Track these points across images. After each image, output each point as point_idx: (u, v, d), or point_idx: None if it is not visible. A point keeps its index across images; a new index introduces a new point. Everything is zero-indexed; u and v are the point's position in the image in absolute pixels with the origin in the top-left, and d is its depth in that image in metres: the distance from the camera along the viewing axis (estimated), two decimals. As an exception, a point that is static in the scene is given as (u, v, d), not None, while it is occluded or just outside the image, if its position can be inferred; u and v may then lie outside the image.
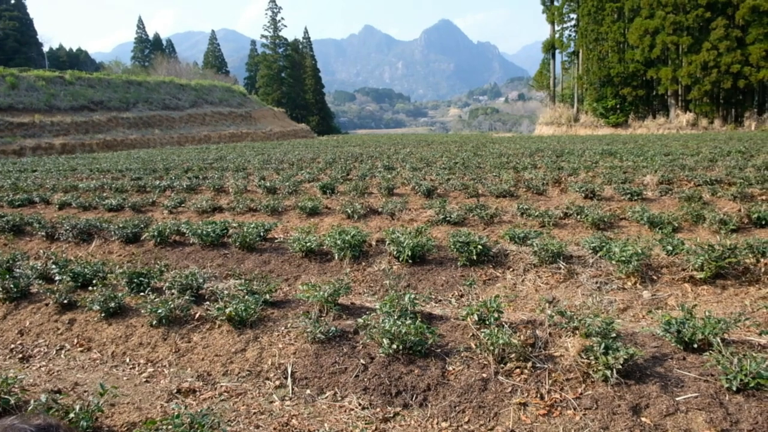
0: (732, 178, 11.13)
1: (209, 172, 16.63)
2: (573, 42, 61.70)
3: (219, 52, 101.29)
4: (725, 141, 25.33)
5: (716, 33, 44.85)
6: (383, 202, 9.42)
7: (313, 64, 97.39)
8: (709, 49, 45.16)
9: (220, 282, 5.86)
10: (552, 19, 63.16)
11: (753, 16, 43.46)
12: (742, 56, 44.14)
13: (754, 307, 4.76)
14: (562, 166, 14.64)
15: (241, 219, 9.22)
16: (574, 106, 60.22)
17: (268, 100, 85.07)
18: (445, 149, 24.44)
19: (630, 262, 5.33)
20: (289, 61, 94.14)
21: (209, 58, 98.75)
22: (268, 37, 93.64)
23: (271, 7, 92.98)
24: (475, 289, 5.56)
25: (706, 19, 46.09)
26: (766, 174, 11.34)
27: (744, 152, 17.49)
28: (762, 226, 7.45)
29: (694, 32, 47.06)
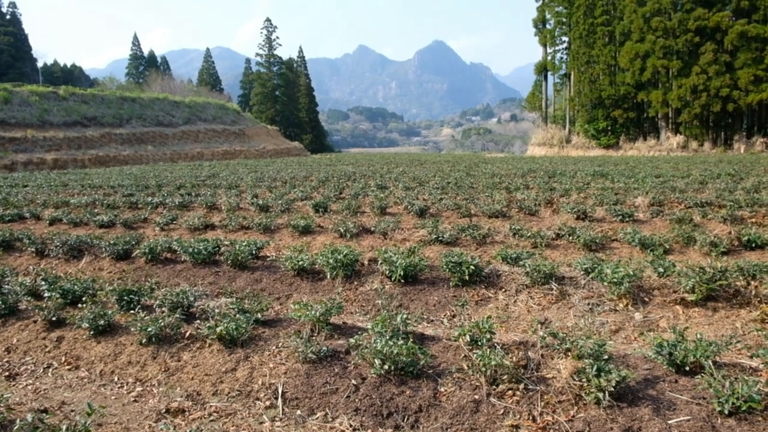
0: (722, 200, 11.22)
1: (202, 189, 16.61)
2: (565, 64, 62.42)
3: (213, 69, 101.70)
4: (715, 163, 25.58)
5: (705, 57, 45.52)
6: (376, 222, 9.43)
7: (308, 83, 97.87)
8: (698, 73, 45.80)
9: (212, 300, 5.83)
10: (544, 41, 63.95)
11: (741, 41, 44.19)
12: (731, 80, 44.78)
13: (745, 330, 4.77)
14: (554, 187, 14.72)
15: (233, 237, 9.18)
16: (566, 128, 60.73)
17: (261, 117, 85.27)
18: (437, 169, 24.53)
19: (622, 283, 5.35)
20: (283, 79, 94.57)
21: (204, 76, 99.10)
22: (263, 55, 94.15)
23: (267, 26, 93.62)
24: (468, 310, 5.55)
25: (696, 43, 46.80)
26: (755, 197, 11.44)
27: (733, 175, 17.66)
28: (752, 248, 7.50)
29: (684, 56, 47.74)
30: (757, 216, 9.66)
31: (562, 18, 60.49)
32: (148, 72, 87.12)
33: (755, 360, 3.97)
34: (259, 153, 57.97)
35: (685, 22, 46.74)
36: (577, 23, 55.01)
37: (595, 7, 53.34)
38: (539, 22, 64.57)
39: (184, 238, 8.83)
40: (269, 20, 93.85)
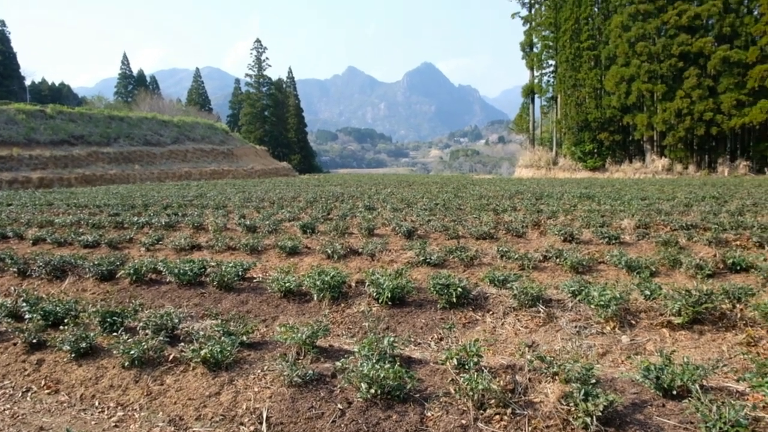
0: (707, 223, 11.33)
1: (189, 209, 16.51)
2: (552, 87, 63.30)
3: (203, 89, 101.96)
4: (699, 186, 25.87)
5: (689, 82, 46.33)
6: (363, 243, 9.40)
7: (297, 104, 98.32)
8: (682, 97, 46.58)
9: (196, 322, 5.75)
10: (531, 65, 64.87)
11: (724, 66, 45.07)
12: (714, 104, 45.57)
13: (732, 353, 4.78)
14: (542, 208, 14.79)
15: (219, 257, 9.12)
16: (553, 150, 61.34)
17: (250, 137, 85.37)
18: (425, 190, 24.60)
19: (609, 306, 5.35)
20: (272, 99, 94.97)
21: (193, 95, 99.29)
22: (253, 75, 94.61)
23: (256, 46, 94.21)
24: (455, 333, 5.52)
25: (680, 68, 47.65)
26: (739, 219, 11.56)
27: (718, 198, 17.86)
28: (737, 271, 7.55)
29: (668, 80, 48.56)
30: (741, 239, 9.74)
31: (548, 42, 61.47)
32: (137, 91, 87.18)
33: (742, 384, 3.97)
34: (247, 173, 57.89)
35: (669, 48, 47.63)
36: (563, 47, 55.88)
37: (581, 31, 54.27)
38: (526, 46, 65.56)
39: (170, 258, 8.75)
40: (259, 41, 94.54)
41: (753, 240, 9.45)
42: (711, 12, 46.31)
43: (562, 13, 56.46)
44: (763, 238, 9.38)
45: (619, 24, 50.69)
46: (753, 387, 3.76)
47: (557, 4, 58.44)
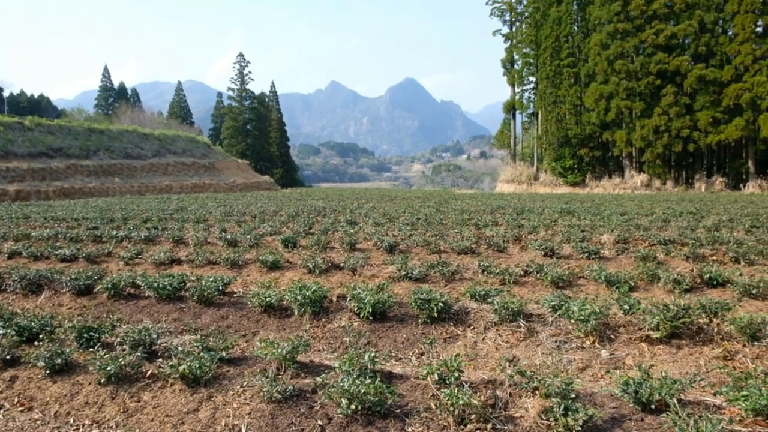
0: (684, 238, 11.48)
1: (169, 223, 16.36)
2: (532, 104, 64.01)
3: (184, 102, 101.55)
4: (677, 202, 26.26)
5: (666, 99, 47.17)
6: (345, 257, 9.38)
7: (279, 117, 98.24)
8: (660, 114, 47.38)
9: (175, 337, 5.68)
10: (512, 81, 65.61)
11: (700, 84, 45.98)
12: (691, 122, 46.41)
13: (709, 367, 4.84)
14: (523, 223, 14.90)
15: (199, 272, 9.04)
16: (534, 165, 61.90)
17: (232, 151, 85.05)
18: (408, 205, 24.66)
19: (588, 321, 5.40)
20: (254, 113, 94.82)
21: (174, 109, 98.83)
22: (235, 89, 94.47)
23: (239, 60, 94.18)
24: (436, 348, 5.52)
25: (657, 86, 48.52)
26: (716, 235, 11.74)
27: (695, 213, 18.13)
28: (713, 286, 7.66)
29: (646, 98, 49.40)
30: (717, 254, 9.89)
31: (529, 59, 62.23)
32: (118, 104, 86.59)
33: (719, 397, 4.02)
34: (229, 187, 57.59)
35: (647, 66, 48.50)
36: (543, 64, 56.62)
37: (561, 49, 55.06)
38: (508, 63, 66.32)
39: (149, 273, 8.66)
40: (242, 55, 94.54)
41: (729, 255, 9.60)
42: (687, 31, 47.30)
43: (543, 30, 57.29)
44: (739, 253, 9.53)
45: (598, 42, 51.54)
46: (729, 401, 3.81)
47: (538, 22, 59.30)
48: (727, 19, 47.12)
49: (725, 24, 48.07)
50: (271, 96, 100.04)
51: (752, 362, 4.83)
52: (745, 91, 43.00)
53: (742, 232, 13.16)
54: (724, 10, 46.96)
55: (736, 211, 19.56)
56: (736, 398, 3.74)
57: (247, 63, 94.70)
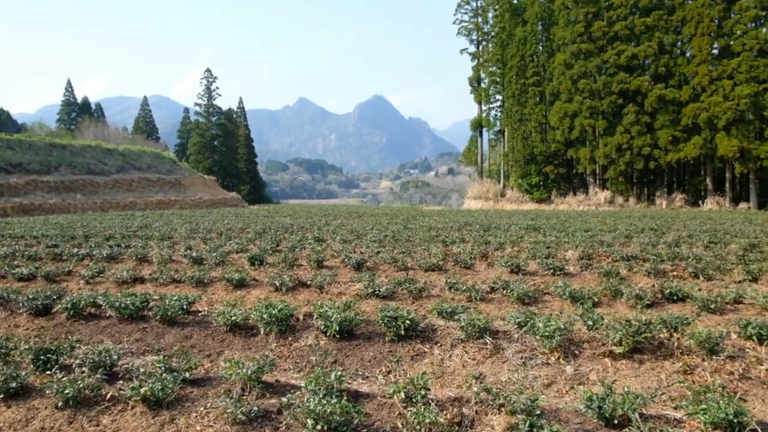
0: (646, 254, 11.73)
1: (132, 241, 16.05)
2: (499, 121, 65.02)
3: (150, 117, 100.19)
4: (639, 218, 26.84)
5: (628, 118, 48.41)
6: (312, 275, 9.33)
7: (247, 134, 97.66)
8: (622, 132, 48.57)
9: (137, 358, 5.56)
10: (479, 99, 66.58)
11: (660, 104, 47.33)
12: (652, 140, 47.68)
13: (669, 381, 4.92)
14: (489, 240, 15.03)
15: (163, 291, 8.87)
16: (501, 182, 62.69)
17: (199, 167, 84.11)
18: (375, 221, 24.68)
19: (553, 337, 5.46)
20: (222, 129, 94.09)
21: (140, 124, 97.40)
22: (202, 105, 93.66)
23: (207, 76, 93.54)
24: (403, 366, 5.50)
25: (619, 105, 49.78)
26: (676, 251, 12.04)
27: (656, 229, 18.56)
28: (674, 301, 7.83)
29: (609, 117, 50.62)
30: (678, 269, 10.13)
31: (496, 78, 63.29)
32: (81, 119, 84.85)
33: (679, 411, 4.10)
34: (195, 203, 56.86)
35: (609, 85, 49.76)
36: (510, 83, 57.62)
37: (527, 68, 56.13)
38: (475, 81, 67.33)
39: (111, 291, 8.47)
40: (209, 71, 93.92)
41: (689, 270, 9.84)
42: (647, 53, 48.74)
43: (509, 50, 58.37)
44: (698, 268, 9.78)
45: (563, 62, 52.73)
46: (689, 414, 3.89)
47: (503, 41, 60.40)
48: (685, 41, 48.74)
49: (683, 46, 49.71)
50: (238, 112, 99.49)
51: (711, 376, 4.94)
52: (703, 110, 44.40)
53: (701, 248, 13.52)
54: (681, 32, 48.58)
55: (695, 227, 20.09)
56: (695, 412, 3.82)
57: (215, 79, 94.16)
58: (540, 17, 57.50)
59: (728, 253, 12.19)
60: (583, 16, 51.89)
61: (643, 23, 49.07)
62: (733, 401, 3.77)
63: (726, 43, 45.06)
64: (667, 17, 48.95)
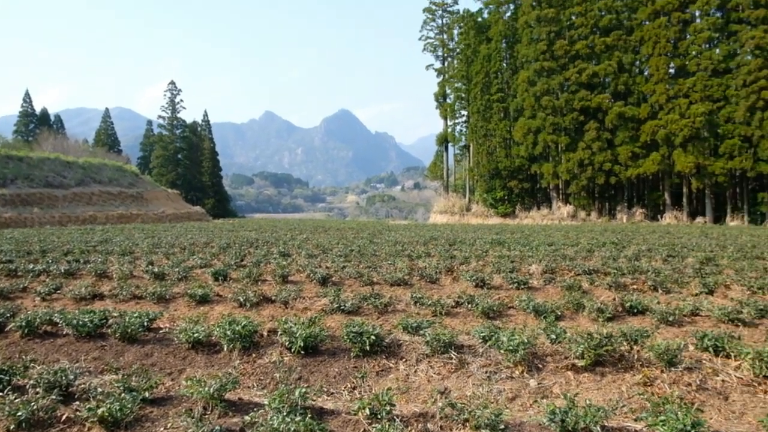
0: (607, 268, 11.97)
1: (92, 256, 15.65)
2: (464, 136, 65.83)
3: (112, 130, 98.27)
4: (601, 232, 27.39)
5: (589, 134, 49.55)
6: (277, 290, 9.25)
7: (212, 147, 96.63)
8: (584, 148, 49.68)
9: (95, 378, 5.40)
10: (445, 114, 67.33)
11: (619, 121, 48.61)
12: (613, 156, 48.88)
13: (630, 393, 5.01)
14: (455, 254, 15.14)
15: (124, 307, 8.67)
16: (466, 196, 63.32)
17: (162, 181, 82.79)
18: (341, 236, 24.62)
19: (517, 351, 5.50)
20: (186, 142, 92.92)
21: (101, 136, 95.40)
22: (166, 117, 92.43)
23: (171, 88, 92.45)
24: (368, 381, 5.47)
25: (581, 121, 50.96)
26: (636, 264, 12.31)
27: (617, 243, 18.96)
28: (634, 314, 8.00)
29: (571, 133, 51.75)
30: (638, 283, 10.36)
31: (461, 93, 64.15)
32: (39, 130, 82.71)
33: (639, 423, 4.17)
34: (158, 217, 55.87)
35: (571, 102, 50.92)
36: (475, 99, 58.45)
37: (491, 84, 57.05)
38: (440, 97, 68.12)
39: (69, 309, 8.22)
40: (173, 83, 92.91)
41: (648, 284, 10.07)
42: (607, 71, 50.08)
43: (473, 66, 59.27)
44: (657, 281, 10.02)
45: (526, 79, 53.76)
46: (649, 426, 3.96)
47: (468, 58, 61.33)
48: (643, 60, 50.28)
49: (641, 65, 51.26)
50: (203, 125, 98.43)
51: (669, 387, 5.04)
52: (661, 127, 45.75)
53: (660, 262, 13.86)
54: (640, 52, 50.11)
55: (654, 240, 20.60)
56: (655, 423, 3.89)
57: (179, 91, 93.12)
58: (504, 35, 58.62)
59: (685, 267, 12.53)
60: (545, 34, 53.10)
61: (603, 43, 50.47)
62: (690, 412, 3.85)
63: (682, 63, 46.64)
64: (626, 37, 50.47)
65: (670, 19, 47.16)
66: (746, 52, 43.49)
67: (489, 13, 65.16)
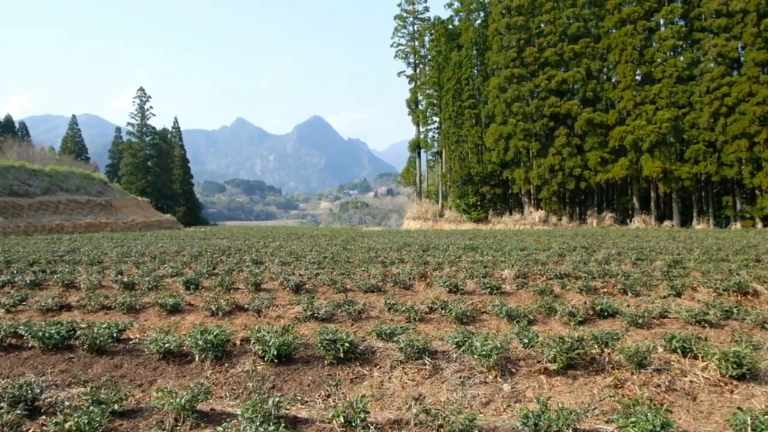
0: (578, 272, 12.12)
1: (59, 266, 15.31)
2: (437, 143, 66.21)
3: (80, 137, 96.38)
4: (572, 237, 27.76)
5: (560, 140, 50.27)
6: (250, 298, 9.16)
7: (182, 154, 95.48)
8: (554, 154, 50.36)
9: (62, 391, 5.28)
10: (417, 121, 67.66)
11: (588, 127, 49.42)
12: (582, 161, 49.65)
13: (601, 396, 5.08)
14: (428, 260, 15.18)
15: (92, 318, 8.49)
16: (439, 202, 63.63)
17: (131, 189, 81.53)
18: (315, 243, 24.52)
19: (491, 356, 5.54)
20: (156, 149, 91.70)
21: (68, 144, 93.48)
22: (135, 124, 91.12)
23: (140, 95, 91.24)
24: (342, 389, 5.45)
25: (551, 127, 51.69)
26: (606, 268, 12.50)
27: (587, 248, 19.23)
28: (605, 317, 8.12)
29: (542, 139, 52.44)
30: (608, 286, 10.51)
31: (433, 100, 64.55)
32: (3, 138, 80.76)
33: (611, 425, 4.23)
34: (127, 226, 54.96)
35: (541, 108, 51.62)
36: (446, 105, 58.86)
37: (463, 91, 57.51)
38: (412, 103, 68.46)
39: (35, 320, 8.04)
40: (143, 89, 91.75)
41: (618, 287, 10.23)
42: (576, 78, 50.93)
43: (445, 73, 59.71)
44: (627, 285, 10.18)
45: (497, 86, 54.34)
46: (620, 428, 4.01)
47: (440, 65, 61.80)
48: (611, 67, 51.27)
49: (609, 72, 52.25)
50: (173, 132, 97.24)
51: (639, 389, 5.13)
52: (628, 133, 46.63)
53: (629, 265, 14.09)
54: (607, 59, 51.08)
55: (624, 244, 20.94)
56: (625, 425, 3.94)
57: (149, 98, 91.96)
58: (475, 42, 59.21)
59: (654, 270, 12.76)
60: (515, 42, 53.78)
61: (572, 50, 51.32)
62: (660, 413, 3.92)
63: (648, 70, 47.66)
64: (593, 45, 51.41)
65: (636, 27, 48.19)
66: (709, 60, 44.66)
67: (460, 21, 65.85)
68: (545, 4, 52.65)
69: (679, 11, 46.68)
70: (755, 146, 41.23)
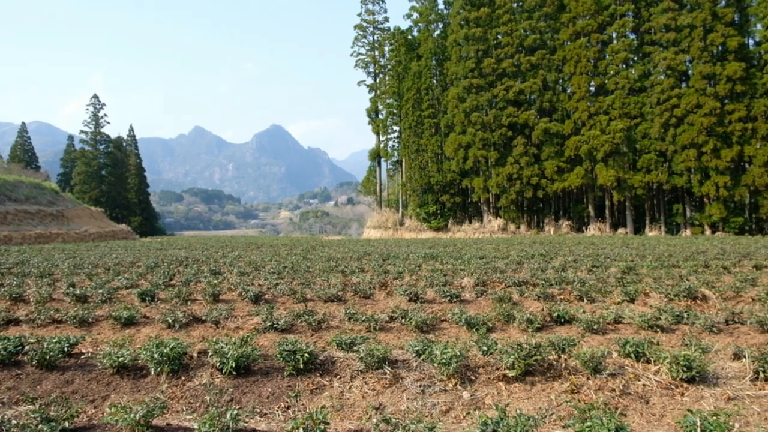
0: (536, 279, 12.33)
1: (6, 278, 14.75)
2: (397, 152, 66.56)
3: (29, 145, 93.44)
4: (530, 244, 28.21)
5: (517, 150, 51.16)
6: (208, 310, 9.00)
7: (138, 163, 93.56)
8: (512, 163, 51.22)
9: (9, 409, 5.08)
10: (377, 130, 67.93)
11: (545, 136, 50.46)
12: (539, 170, 50.62)
13: (559, 401, 5.15)
14: (388, 269, 15.21)
15: (42, 332, 8.21)
16: (400, 211, 63.89)
17: (85, 198, 79.41)
18: (274, 252, 24.29)
19: (450, 364, 5.57)
20: (110, 158, 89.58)
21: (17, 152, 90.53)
22: (89, 132, 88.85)
23: (94, 102, 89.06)
24: (302, 400, 5.40)
25: (509, 137, 52.57)
26: (563, 275, 12.73)
27: (545, 255, 19.57)
28: (561, 323, 8.26)
29: (500, 148, 53.27)
30: (564, 293, 10.71)
31: (393, 109, 64.92)
32: (-52, 146, 77.80)
33: (567, 430, 4.29)
34: (80, 236, 53.43)
35: (500, 118, 52.46)
36: (406, 114, 59.29)
37: (422, 101, 58.04)
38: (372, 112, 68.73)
39: (-20, 336, 7.71)
40: (96, 97, 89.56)
41: (574, 294, 10.43)
42: (533, 88, 52.00)
43: (405, 83, 60.18)
44: (582, 291, 10.39)
45: (456, 96, 55.03)
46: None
47: (400, 74, 62.26)
48: (566, 79, 52.53)
49: (564, 83, 53.52)
50: (129, 140, 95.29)
51: (595, 393, 5.23)
52: (584, 143, 47.81)
53: (585, 272, 14.40)
54: (563, 71, 52.32)
55: (580, 252, 21.39)
56: (581, 430, 4.01)
57: (103, 105, 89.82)
58: (434, 52, 59.89)
59: (608, 276, 13.07)
60: (473, 52, 54.59)
61: (529, 61, 52.39)
62: (614, 417, 4.00)
63: (601, 82, 49.03)
64: (549, 56, 52.61)
65: (589, 40, 49.55)
66: (659, 72, 46.21)
67: (419, 31, 66.54)
68: (502, 17, 53.66)
69: (630, 25, 48.20)
70: (703, 156, 42.76)
